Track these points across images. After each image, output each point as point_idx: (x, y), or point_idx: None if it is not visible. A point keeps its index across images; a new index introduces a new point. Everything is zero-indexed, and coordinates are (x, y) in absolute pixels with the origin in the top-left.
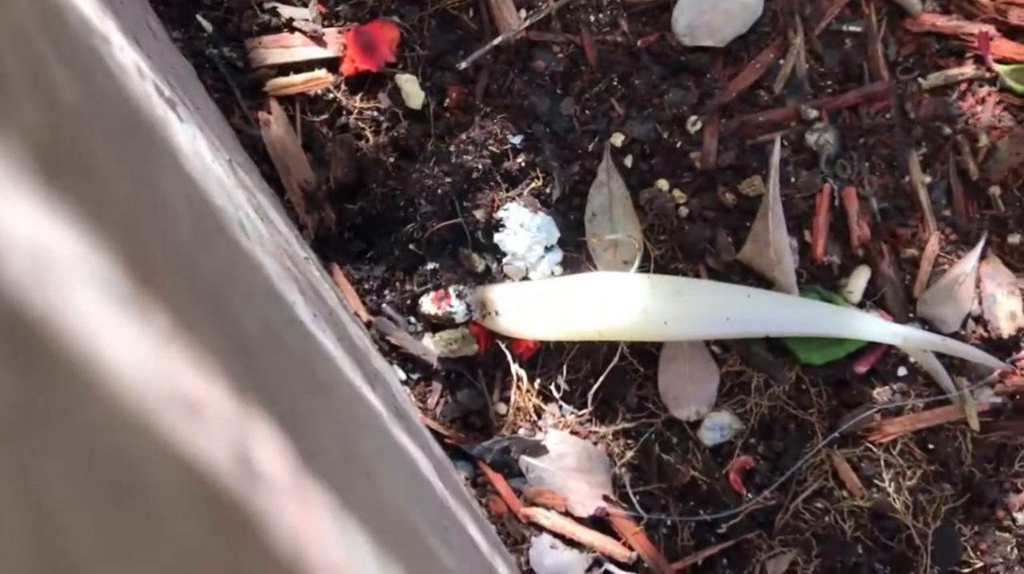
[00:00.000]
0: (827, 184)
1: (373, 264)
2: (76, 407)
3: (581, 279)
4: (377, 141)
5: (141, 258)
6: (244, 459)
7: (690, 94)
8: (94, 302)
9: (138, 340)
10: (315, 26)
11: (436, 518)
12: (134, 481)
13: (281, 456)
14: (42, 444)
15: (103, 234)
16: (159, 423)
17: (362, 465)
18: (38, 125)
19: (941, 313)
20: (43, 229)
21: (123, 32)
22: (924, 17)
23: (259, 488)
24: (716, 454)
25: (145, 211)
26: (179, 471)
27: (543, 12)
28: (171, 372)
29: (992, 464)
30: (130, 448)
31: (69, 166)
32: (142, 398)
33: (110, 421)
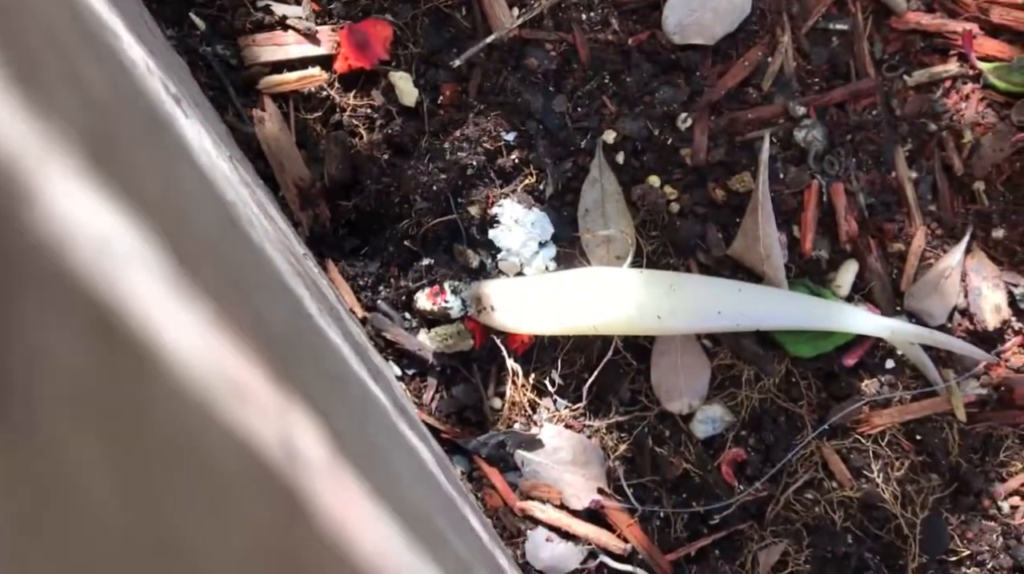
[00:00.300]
0: (815, 180)
1: (368, 260)
2: (148, 385)
3: (575, 274)
4: (371, 138)
5: (181, 248)
6: (288, 444)
7: (680, 92)
8: (152, 287)
9: (190, 325)
10: (308, 24)
11: (445, 509)
12: (199, 456)
13: (318, 442)
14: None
15: (148, 223)
16: (215, 404)
17: (379, 456)
18: (82, 120)
19: (928, 306)
20: (101, 218)
21: (128, 28)
22: (909, 15)
23: (304, 472)
24: (708, 447)
25: (174, 203)
26: (237, 451)
27: (535, 10)
28: (220, 357)
29: (978, 454)
30: (194, 425)
31: (109, 158)
32: (200, 379)
33: (176, 399)
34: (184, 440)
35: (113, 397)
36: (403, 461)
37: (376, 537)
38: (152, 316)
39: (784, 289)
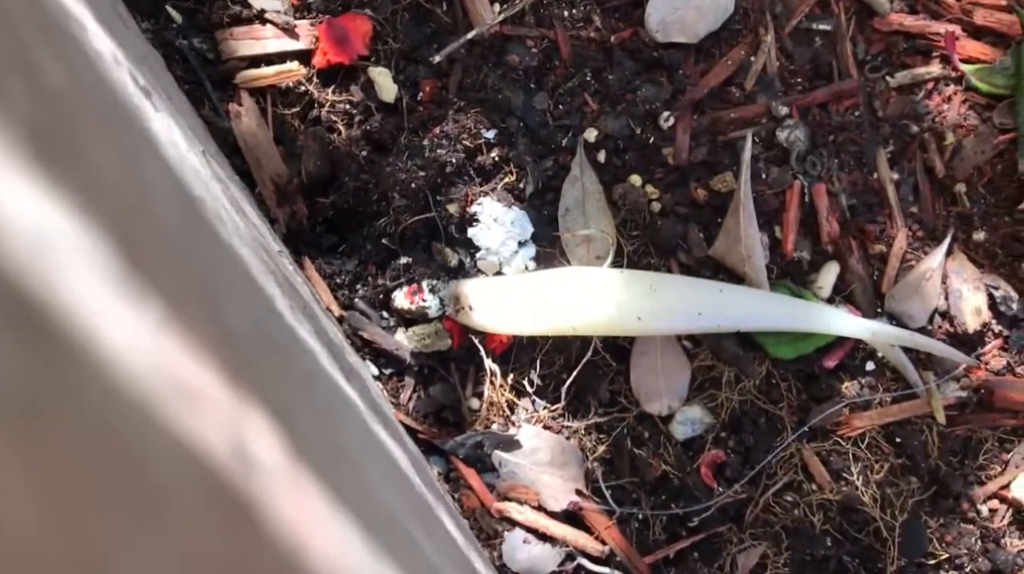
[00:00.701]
0: (797, 180)
1: (345, 258)
2: (79, 388)
3: (555, 274)
4: (350, 134)
5: (133, 244)
6: (240, 447)
7: (663, 90)
8: (93, 285)
9: (135, 324)
10: (287, 18)
11: (416, 511)
12: (135, 465)
13: (275, 445)
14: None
15: (98, 219)
16: (158, 408)
17: (347, 457)
18: (29, 109)
19: (908, 308)
20: (42, 212)
21: (96, 19)
22: (892, 17)
23: (256, 477)
24: (687, 448)
25: (134, 198)
26: (179, 457)
27: (517, 7)
28: (167, 358)
29: (958, 457)
30: (131, 432)
31: (61, 150)
32: (141, 382)
33: (112, 404)
34: (118, 446)
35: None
36: (373, 463)
37: (333, 542)
38: (88, 314)
39: (765, 290)
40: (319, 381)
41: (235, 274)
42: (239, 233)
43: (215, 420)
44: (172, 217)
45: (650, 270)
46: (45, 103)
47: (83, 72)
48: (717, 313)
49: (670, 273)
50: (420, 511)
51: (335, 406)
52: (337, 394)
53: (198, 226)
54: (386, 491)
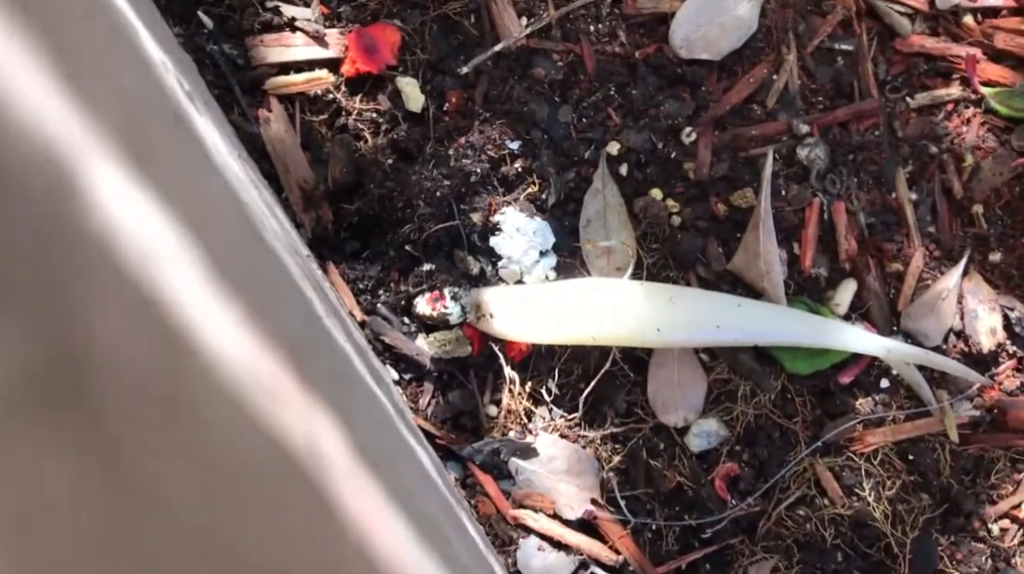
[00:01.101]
0: (817, 198)
1: (368, 264)
2: (196, 384)
3: (575, 284)
4: (376, 142)
5: (211, 245)
6: (314, 446)
7: (685, 106)
8: (194, 287)
9: (228, 323)
10: (317, 26)
11: (445, 514)
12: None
13: (340, 444)
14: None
15: (182, 220)
16: (252, 404)
17: (388, 459)
18: (117, 115)
19: (924, 327)
20: (143, 213)
21: (145, 25)
22: (913, 38)
23: (327, 472)
24: (702, 460)
25: (202, 200)
26: (271, 451)
27: (544, 20)
28: (251, 355)
29: (969, 476)
30: (233, 425)
31: (143, 154)
32: (237, 380)
33: (218, 400)
34: (225, 438)
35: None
36: (408, 466)
37: (394, 538)
38: (196, 315)
39: (783, 305)
40: (357, 384)
41: (281, 277)
42: (277, 237)
43: (293, 417)
44: (230, 220)
45: (669, 283)
46: (128, 110)
47: (146, 79)
48: (735, 327)
49: (689, 286)
50: (448, 513)
51: (373, 409)
52: (373, 398)
53: (248, 229)
54: (422, 493)
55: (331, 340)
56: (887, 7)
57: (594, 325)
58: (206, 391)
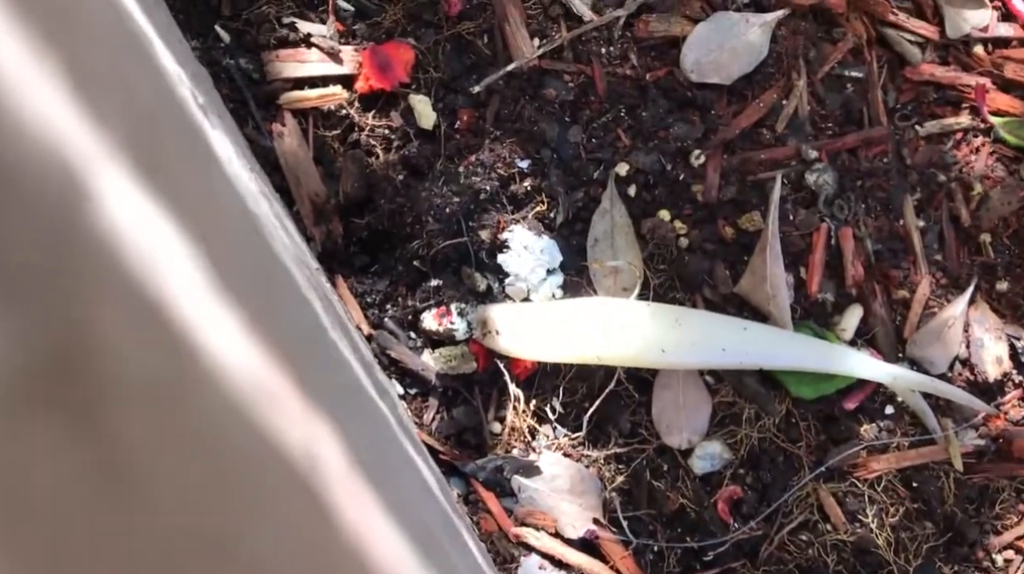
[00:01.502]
0: (824, 223)
1: (376, 278)
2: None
3: (582, 303)
4: (387, 158)
5: (216, 254)
6: (311, 453)
7: (695, 129)
8: (197, 292)
9: (230, 330)
10: (332, 43)
11: (445, 529)
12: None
13: (337, 453)
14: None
15: (187, 228)
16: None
17: (388, 471)
18: (128, 123)
19: (929, 354)
20: (151, 221)
21: (160, 37)
22: (923, 67)
23: (325, 481)
24: (705, 483)
25: (209, 211)
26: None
27: (556, 42)
28: (253, 360)
29: (974, 505)
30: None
31: (154, 163)
32: (238, 385)
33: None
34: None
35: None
36: (408, 478)
37: (390, 549)
38: (199, 319)
39: (789, 330)
40: (359, 395)
41: (288, 288)
42: (286, 249)
43: (292, 424)
44: (237, 230)
45: (675, 304)
46: (139, 119)
47: (160, 89)
48: (741, 350)
49: (695, 308)
50: (447, 527)
51: (375, 422)
52: (375, 410)
53: (257, 240)
54: (422, 507)
55: (336, 352)
56: (897, 35)
57: (600, 344)
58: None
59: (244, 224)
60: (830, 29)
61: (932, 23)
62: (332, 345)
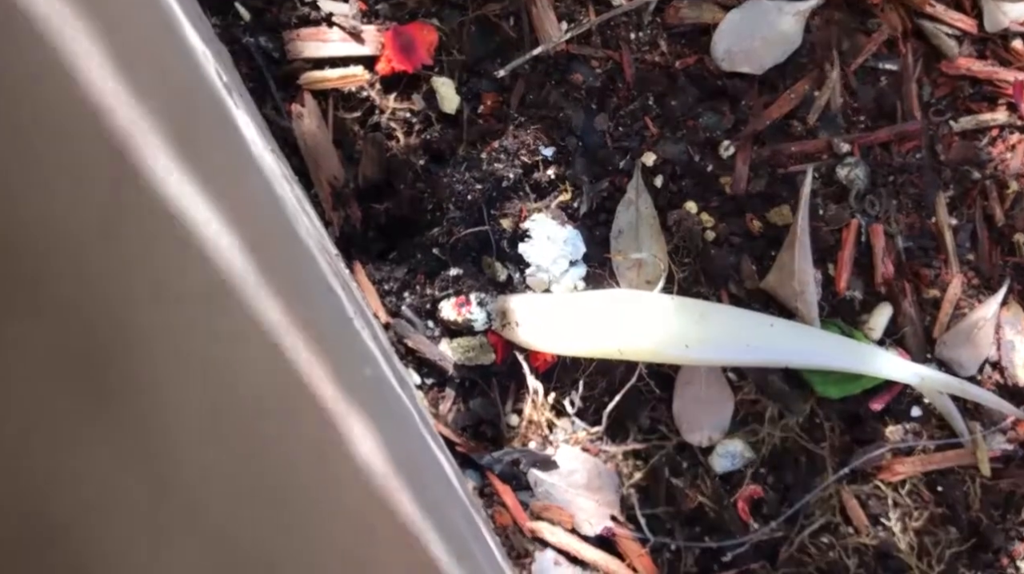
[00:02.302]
0: (855, 219)
1: (395, 265)
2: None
3: (604, 295)
4: (408, 142)
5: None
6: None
7: (724, 119)
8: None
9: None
10: (354, 23)
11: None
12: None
13: (375, 449)
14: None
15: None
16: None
17: (416, 465)
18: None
19: (959, 356)
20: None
21: (184, 14)
22: (960, 61)
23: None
24: (726, 482)
25: (242, 193)
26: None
27: (584, 26)
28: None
29: (999, 511)
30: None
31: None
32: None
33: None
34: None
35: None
36: (432, 472)
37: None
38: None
39: (816, 327)
40: (385, 388)
41: (315, 275)
42: (309, 234)
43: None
44: (266, 211)
45: (700, 298)
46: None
47: (191, 69)
48: (766, 347)
49: (720, 303)
50: (468, 522)
51: (398, 413)
52: (397, 401)
53: (284, 223)
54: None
55: (361, 342)
56: (935, 28)
57: (621, 338)
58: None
59: (271, 208)
60: (865, 20)
61: (970, 16)
62: (357, 334)
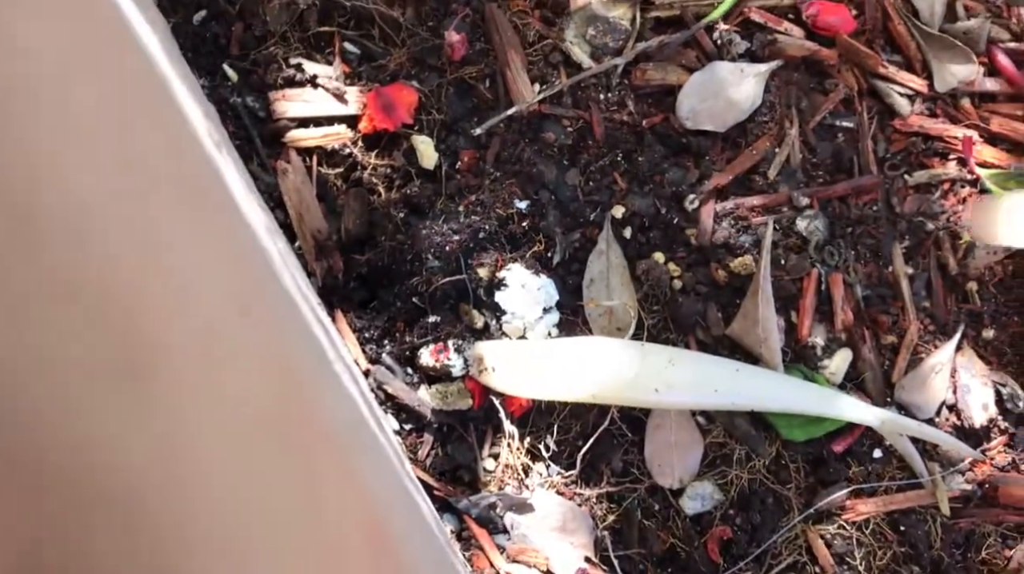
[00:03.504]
0: (815, 269)
1: (375, 314)
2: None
3: (576, 342)
4: (389, 196)
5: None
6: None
7: (689, 174)
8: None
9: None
10: (338, 84)
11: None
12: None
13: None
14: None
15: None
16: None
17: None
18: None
19: (917, 399)
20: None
21: (178, 75)
22: (912, 119)
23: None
24: (696, 523)
25: (234, 243)
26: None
27: (556, 88)
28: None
29: (960, 549)
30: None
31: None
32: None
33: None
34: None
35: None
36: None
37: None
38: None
39: (780, 372)
40: (364, 430)
41: (298, 321)
42: (295, 283)
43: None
44: (255, 261)
45: (669, 345)
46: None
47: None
48: (732, 391)
49: (688, 349)
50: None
51: (378, 455)
52: (377, 444)
53: (270, 272)
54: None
55: (340, 384)
56: (887, 88)
57: (593, 383)
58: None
59: (258, 256)
60: (822, 80)
61: (921, 76)
62: (337, 377)
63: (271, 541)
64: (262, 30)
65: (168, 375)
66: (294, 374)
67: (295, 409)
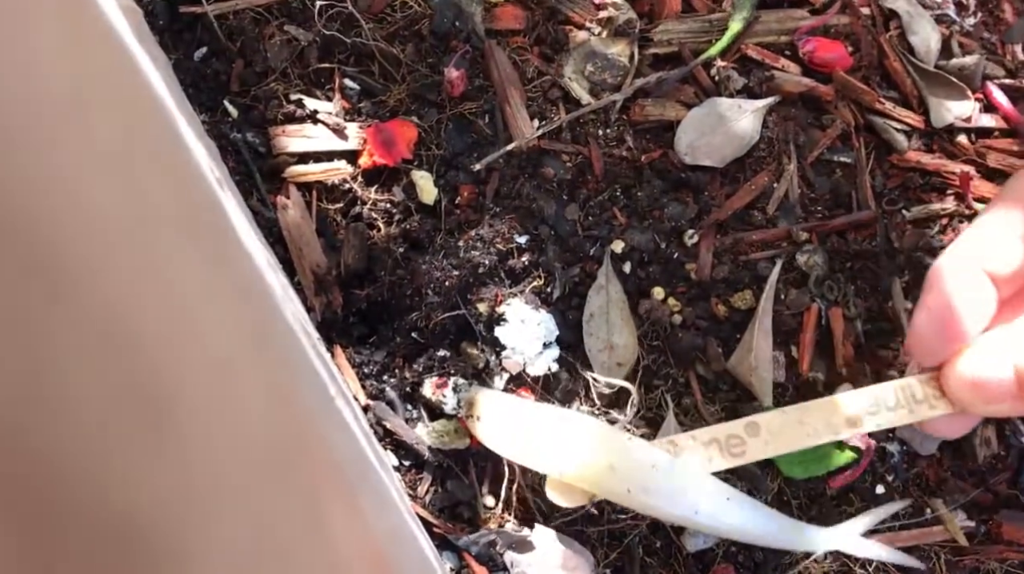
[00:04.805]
0: (815, 303)
1: (375, 349)
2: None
3: (565, 418)
4: (389, 231)
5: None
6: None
7: (688, 209)
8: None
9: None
10: (338, 120)
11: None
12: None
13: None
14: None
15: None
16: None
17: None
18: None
19: (918, 435)
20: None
21: (181, 111)
22: (910, 154)
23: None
24: (698, 560)
25: (236, 280)
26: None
27: (555, 123)
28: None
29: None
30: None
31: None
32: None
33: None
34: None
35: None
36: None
37: None
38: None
39: (767, 403)
40: (366, 466)
41: (302, 355)
42: (297, 318)
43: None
44: (264, 296)
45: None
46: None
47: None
48: (715, 518)
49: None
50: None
51: (382, 492)
52: (381, 484)
53: (272, 309)
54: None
55: (342, 419)
56: (885, 123)
57: (571, 464)
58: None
59: (261, 293)
60: (820, 116)
61: (917, 112)
62: (339, 413)
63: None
64: (263, 67)
65: (185, 412)
66: (302, 409)
67: (303, 444)
